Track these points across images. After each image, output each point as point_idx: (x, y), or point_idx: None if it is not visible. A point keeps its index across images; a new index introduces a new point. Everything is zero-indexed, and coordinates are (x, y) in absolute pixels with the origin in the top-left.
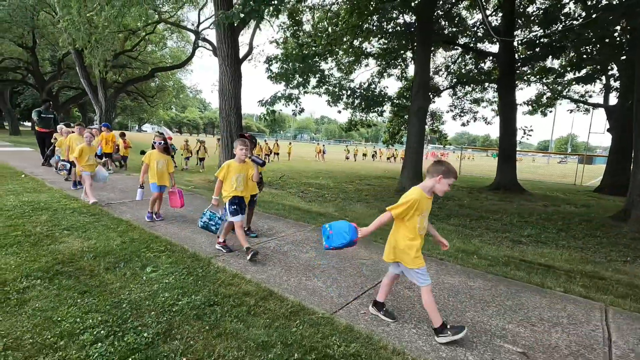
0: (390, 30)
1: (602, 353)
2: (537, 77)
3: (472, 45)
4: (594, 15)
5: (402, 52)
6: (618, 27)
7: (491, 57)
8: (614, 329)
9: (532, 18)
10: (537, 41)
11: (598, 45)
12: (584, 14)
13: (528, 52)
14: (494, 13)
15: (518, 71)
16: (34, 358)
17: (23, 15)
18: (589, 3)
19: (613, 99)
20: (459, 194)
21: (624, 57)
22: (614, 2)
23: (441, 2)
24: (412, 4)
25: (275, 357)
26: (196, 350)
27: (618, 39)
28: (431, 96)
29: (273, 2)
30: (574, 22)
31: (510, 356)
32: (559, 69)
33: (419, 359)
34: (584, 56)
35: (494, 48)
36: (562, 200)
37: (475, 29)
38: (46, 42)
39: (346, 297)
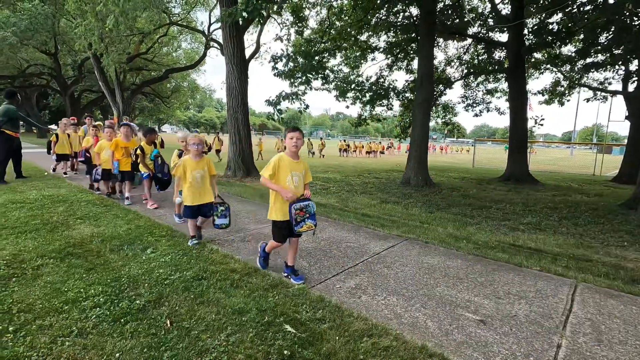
0: (398, 23)
1: (558, 321)
2: (550, 64)
3: (481, 35)
4: None
5: (408, 45)
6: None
7: (501, 47)
8: (578, 302)
9: (541, 3)
10: (545, 28)
11: (612, 31)
12: None
13: (535, 40)
14: (503, 1)
15: (533, 60)
16: (42, 318)
17: (44, 23)
18: None
19: (632, 86)
20: (467, 185)
21: None
22: None
23: None
24: None
25: (248, 319)
26: (180, 314)
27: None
28: (442, 88)
29: (276, 0)
30: (582, 7)
31: (469, 323)
32: (574, 55)
33: (381, 325)
34: (595, 42)
35: (504, 37)
36: (574, 190)
37: (484, 18)
38: (68, 48)
39: (326, 275)
